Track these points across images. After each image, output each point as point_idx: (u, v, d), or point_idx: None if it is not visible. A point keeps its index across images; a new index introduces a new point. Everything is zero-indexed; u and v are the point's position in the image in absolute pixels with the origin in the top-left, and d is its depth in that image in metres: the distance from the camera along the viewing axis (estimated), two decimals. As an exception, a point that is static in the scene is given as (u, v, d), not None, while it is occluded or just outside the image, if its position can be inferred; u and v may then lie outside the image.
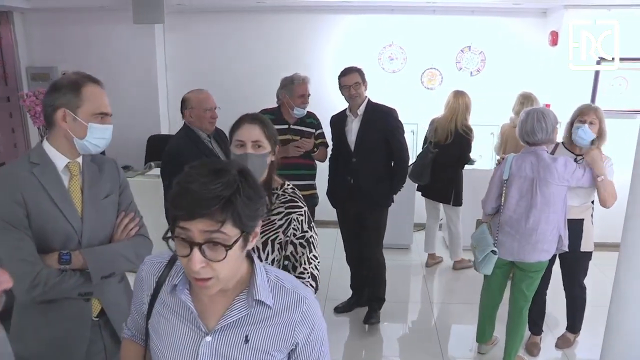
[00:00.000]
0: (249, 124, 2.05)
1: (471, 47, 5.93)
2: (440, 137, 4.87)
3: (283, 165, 3.95)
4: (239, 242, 1.22)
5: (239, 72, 6.08)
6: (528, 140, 3.26)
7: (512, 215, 3.33)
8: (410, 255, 5.71)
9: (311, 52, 6.09)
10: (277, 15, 6.02)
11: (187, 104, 3.43)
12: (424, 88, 6.05)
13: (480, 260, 3.43)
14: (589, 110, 3.48)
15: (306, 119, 4.08)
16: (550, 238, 3.27)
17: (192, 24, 6.16)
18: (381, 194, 4.04)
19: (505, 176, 3.34)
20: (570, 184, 3.22)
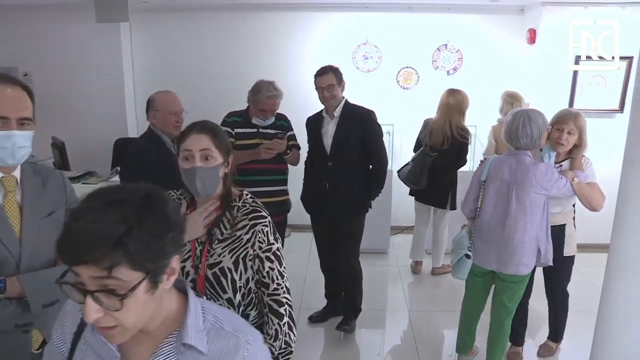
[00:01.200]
0: (196, 134, 1.85)
1: (448, 45, 5.81)
2: (436, 141, 4.65)
3: (253, 170, 3.82)
4: (142, 286, 1.03)
5: (210, 73, 5.90)
6: (512, 144, 3.11)
7: (489, 220, 3.18)
8: (388, 260, 5.55)
9: (283, 51, 5.93)
10: (249, 14, 5.85)
11: (152, 105, 3.21)
12: (400, 88, 5.92)
13: (454, 263, 3.30)
14: (567, 118, 3.24)
15: (276, 121, 3.87)
16: (527, 251, 3.09)
17: (160, 23, 5.94)
18: (358, 199, 3.87)
19: (483, 177, 3.20)
20: (549, 193, 3.05)
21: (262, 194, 3.82)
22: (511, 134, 3.06)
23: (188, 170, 1.83)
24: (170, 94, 3.28)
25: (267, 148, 3.68)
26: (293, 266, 5.20)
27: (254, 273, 1.86)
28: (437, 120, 4.69)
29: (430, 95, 5.78)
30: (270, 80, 3.78)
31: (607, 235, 5.63)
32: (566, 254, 3.44)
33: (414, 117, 5.85)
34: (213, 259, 1.83)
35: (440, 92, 5.69)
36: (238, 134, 3.80)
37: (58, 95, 5.79)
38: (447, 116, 4.62)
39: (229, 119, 3.86)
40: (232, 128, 3.80)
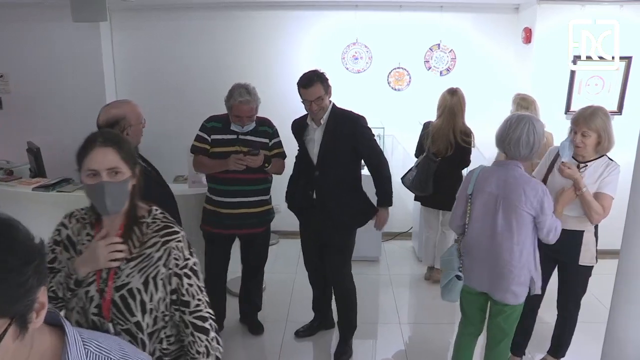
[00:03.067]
0: (100, 148, 1.67)
1: (440, 45, 5.62)
2: (440, 147, 4.42)
3: (231, 180, 3.57)
4: (9, 334, 0.89)
5: (195, 73, 5.69)
6: (506, 150, 2.82)
7: (477, 238, 2.89)
8: (379, 268, 5.34)
9: (270, 51, 5.72)
10: (235, 12, 5.64)
11: (125, 123, 2.80)
12: (391, 89, 5.73)
13: (443, 285, 3.03)
14: (578, 119, 3.03)
15: (259, 127, 3.64)
16: (516, 278, 2.79)
17: (143, 22, 5.72)
18: (348, 212, 3.58)
19: (469, 190, 2.91)
20: (536, 214, 2.73)
21: (240, 204, 3.65)
22: (510, 141, 2.76)
23: (94, 186, 1.66)
24: (132, 103, 2.97)
25: (238, 160, 3.46)
26: (280, 275, 5.05)
27: (166, 293, 1.73)
28: (440, 125, 4.43)
29: (422, 97, 5.66)
30: (245, 84, 3.53)
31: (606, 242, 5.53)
32: (582, 262, 3.17)
33: (406, 120, 5.74)
34: (121, 280, 1.70)
35: (433, 93, 5.53)
36: (215, 140, 3.60)
37: (35, 97, 5.58)
38: (450, 121, 4.37)
39: (208, 123, 3.65)
40: (210, 134, 3.61)
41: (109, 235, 1.72)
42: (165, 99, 5.74)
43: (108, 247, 1.68)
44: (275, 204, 5.87)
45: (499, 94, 5.20)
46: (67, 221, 1.81)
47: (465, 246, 2.96)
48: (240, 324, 4.18)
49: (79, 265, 1.68)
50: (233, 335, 4.07)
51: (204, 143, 3.62)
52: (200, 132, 3.65)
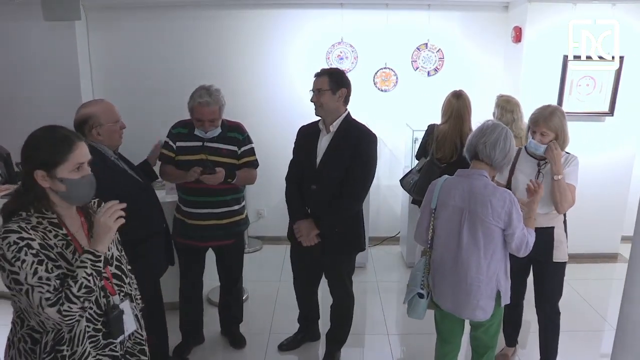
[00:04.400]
0: (80, 142, 1.85)
1: (428, 44, 5.47)
2: (445, 153, 4.12)
3: (197, 190, 3.34)
4: None
5: (175, 73, 5.47)
6: (479, 152, 2.62)
7: (443, 253, 2.72)
8: (367, 275, 5.16)
9: (253, 51, 5.54)
10: (215, 11, 5.45)
11: (94, 122, 2.70)
12: (378, 90, 5.56)
13: (406, 301, 2.86)
14: (539, 119, 3.09)
15: (227, 132, 3.40)
16: (484, 293, 2.63)
17: (121, 21, 5.50)
18: (345, 237, 3.30)
19: (433, 204, 2.72)
20: (504, 226, 2.58)
21: (206, 216, 3.44)
22: (485, 142, 2.59)
23: (83, 179, 1.85)
24: (105, 102, 2.87)
25: (194, 172, 3.24)
26: (263, 284, 4.87)
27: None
28: (446, 130, 4.14)
29: (410, 98, 5.54)
30: (208, 85, 3.33)
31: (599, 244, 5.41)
32: (556, 259, 3.18)
33: (392, 122, 5.60)
34: (107, 256, 1.95)
35: (420, 94, 5.45)
36: (180, 148, 3.39)
37: (5, 99, 5.34)
38: (457, 126, 4.09)
39: (174, 130, 3.46)
40: (175, 141, 3.41)
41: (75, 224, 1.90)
42: (145, 101, 5.53)
43: (107, 212, 1.81)
44: (259, 208, 5.76)
45: (489, 95, 5.05)
46: (26, 235, 1.73)
47: (432, 262, 2.80)
48: (221, 336, 4.00)
49: (97, 244, 1.81)
50: (214, 348, 3.90)
51: (170, 150, 3.42)
52: (167, 138, 3.45)
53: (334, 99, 3.16)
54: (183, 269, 3.70)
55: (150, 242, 2.91)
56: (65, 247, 1.81)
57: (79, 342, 1.80)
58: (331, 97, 3.15)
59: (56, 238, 1.80)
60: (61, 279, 1.74)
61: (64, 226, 1.84)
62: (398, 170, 5.58)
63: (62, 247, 1.80)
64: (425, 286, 2.79)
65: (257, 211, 5.75)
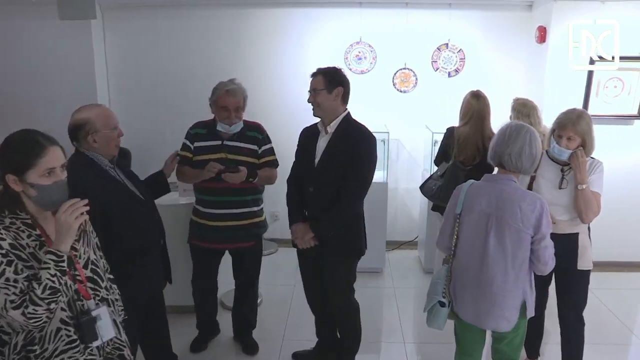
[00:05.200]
0: (52, 147, 1.83)
1: (449, 44, 5.34)
2: (467, 155, 3.98)
3: (216, 190, 3.28)
4: None
5: (192, 73, 5.42)
6: (505, 164, 2.52)
7: (466, 261, 2.61)
8: (383, 280, 5.04)
9: (270, 50, 5.47)
10: (233, 10, 5.38)
11: (90, 128, 2.53)
12: (397, 91, 5.44)
13: (426, 309, 2.73)
14: (566, 123, 2.95)
15: (247, 131, 3.38)
16: (510, 302, 2.53)
17: (137, 20, 5.46)
18: (343, 239, 3.18)
19: (458, 209, 2.61)
20: (533, 232, 2.47)
21: (225, 216, 3.39)
22: (511, 153, 2.47)
23: (55, 184, 1.82)
24: (102, 107, 2.72)
25: (210, 169, 3.19)
26: (278, 287, 4.77)
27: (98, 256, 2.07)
28: (467, 132, 3.99)
29: (429, 99, 5.42)
30: (231, 78, 3.36)
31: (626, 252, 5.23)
32: (580, 267, 3.06)
33: (412, 124, 5.49)
34: (83, 259, 1.96)
35: (440, 95, 5.32)
36: (198, 148, 3.36)
37: (23, 99, 5.32)
38: (478, 127, 3.96)
39: (192, 130, 3.43)
40: (193, 142, 3.38)
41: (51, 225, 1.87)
42: (161, 101, 5.49)
43: (68, 210, 1.78)
44: (274, 210, 5.67)
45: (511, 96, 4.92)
46: None
47: (455, 269, 2.67)
48: (234, 341, 3.91)
49: (60, 243, 1.78)
50: (226, 354, 3.81)
51: (187, 151, 3.39)
52: (185, 139, 3.43)
53: (330, 98, 3.04)
54: (198, 272, 3.65)
55: (145, 256, 2.75)
56: (39, 248, 1.81)
57: (50, 340, 1.80)
58: (327, 97, 3.03)
59: (29, 238, 1.80)
60: (30, 280, 1.73)
61: (38, 227, 1.84)
62: (417, 173, 5.47)
63: (34, 248, 1.80)
64: (446, 294, 2.67)
65: (272, 213, 5.66)
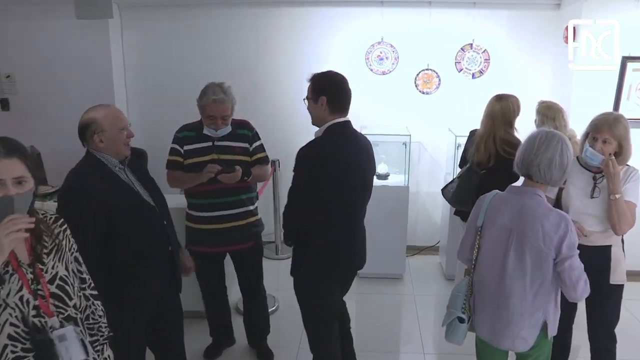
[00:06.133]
0: (5, 158, 1.64)
1: (473, 45, 5.19)
2: (481, 157, 3.85)
3: (209, 192, 3.17)
4: None
5: (211, 73, 5.14)
6: (533, 174, 2.35)
7: (484, 277, 2.47)
8: (403, 287, 4.90)
9: (289, 50, 5.36)
10: (253, 9, 5.29)
11: (97, 127, 2.49)
12: (419, 92, 5.30)
13: (445, 324, 2.59)
14: (602, 125, 2.78)
15: (236, 130, 3.30)
16: (527, 322, 2.37)
17: (156, 20, 5.39)
18: (294, 256, 2.90)
19: (479, 222, 2.48)
20: (555, 253, 2.28)
21: (222, 218, 3.30)
22: (540, 163, 2.30)
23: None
24: (111, 107, 2.67)
25: (208, 172, 3.12)
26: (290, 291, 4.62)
27: (75, 274, 1.92)
28: (481, 134, 3.90)
29: (452, 101, 5.28)
30: (220, 82, 3.26)
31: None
32: (613, 281, 2.89)
33: (434, 126, 5.36)
34: (50, 274, 1.81)
35: (464, 97, 5.18)
36: (188, 151, 3.27)
37: (41, 99, 5.30)
38: (491, 128, 3.82)
39: (180, 133, 3.34)
40: (182, 145, 3.29)
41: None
42: (179, 101, 5.39)
43: (2, 227, 1.61)
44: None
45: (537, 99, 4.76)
46: None
47: (475, 283, 2.54)
48: (249, 348, 3.82)
49: None
50: (241, 362, 3.73)
51: (177, 155, 3.30)
52: (173, 144, 3.34)
53: (316, 107, 2.72)
54: (201, 279, 3.57)
55: (151, 258, 2.63)
56: None
57: None
58: (314, 106, 2.73)
59: None
60: None
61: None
62: (439, 176, 5.33)
63: None
64: (466, 310, 2.54)
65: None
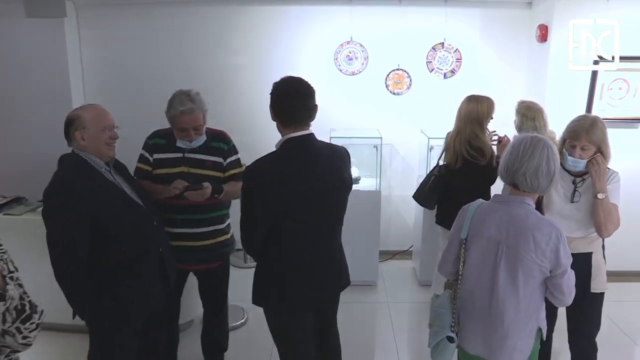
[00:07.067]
0: None
1: (444, 44, 5.06)
2: (450, 159, 3.84)
3: (178, 207, 2.90)
4: None
5: (175, 74, 5.06)
6: (519, 183, 2.20)
7: (472, 292, 2.32)
8: (377, 294, 4.75)
9: (254, 50, 5.17)
10: (218, 7, 5.08)
11: (78, 124, 2.47)
12: (390, 93, 5.16)
13: (432, 345, 2.42)
14: (579, 132, 2.71)
15: (211, 142, 3.05)
16: (523, 333, 2.27)
17: (115, 19, 5.13)
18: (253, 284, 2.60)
19: (463, 234, 2.32)
20: (548, 266, 2.16)
21: (189, 236, 3.05)
22: (526, 171, 2.16)
23: None
24: (96, 106, 2.61)
25: (174, 187, 2.90)
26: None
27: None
28: (451, 133, 3.89)
29: (424, 102, 5.16)
30: (187, 90, 2.97)
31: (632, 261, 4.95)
32: (594, 289, 2.84)
33: (406, 127, 5.23)
34: None
35: (436, 97, 5.05)
36: (158, 160, 3.04)
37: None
38: (459, 130, 3.79)
39: (151, 140, 3.10)
40: (152, 153, 3.05)
41: None
42: (141, 103, 5.13)
43: None
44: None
45: (510, 98, 4.67)
46: None
47: (460, 298, 2.39)
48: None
49: None
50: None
51: (145, 163, 3.06)
52: (143, 150, 3.10)
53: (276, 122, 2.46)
54: None
55: (140, 264, 2.55)
56: None
57: None
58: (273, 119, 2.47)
59: None
60: None
61: None
62: (411, 179, 5.19)
63: None
64: (455, 327, 2.37)
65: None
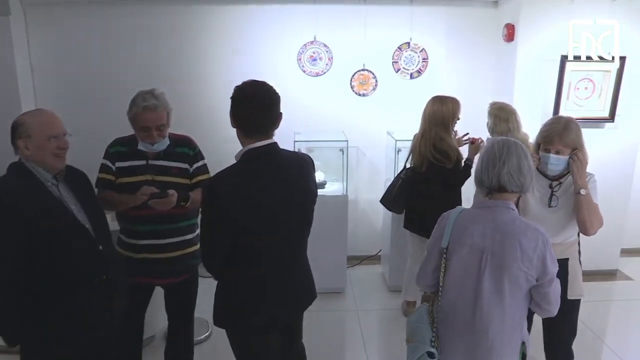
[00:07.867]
0: None
1: (410, 43, 4.97)
2: (416, 162, 3.80)
3: (144, 218, 2.70)
4: None
5: (130, 75, 4.82)
6: (505, 184, 2.10)
7: (454, 302, 2.20)
8: (345, 302, 4.60)
9: (214, 51, 4.97)
10: (174, 7, 4.85)
11: (22, 132, 2.23)
12: (355, 94, 5.04)
13: None
14: (552, 137, 2.67)
15: (176, 148, 2.87)
16: (508, 347, 2.16)
17: (66, 18, 4.84)
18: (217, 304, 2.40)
19: (444, 243, 2.20)
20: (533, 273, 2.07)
21: (155, 248, 2.84)
22: (510, 170, 2.07)
23: None
24: (45, 113, 2.36)
25: (142, 194, 2.71)
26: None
27: None
28: (417, 135, 3.83)
29: (390, 103, 5.06)
30: (149, 89, 2.80)
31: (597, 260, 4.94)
32: (570, 296, 2.76)
33: (372, 129, 5.10)
34: None
35: (402, 98, 4.95)
36: (121, 169, 2.84)
37: None
38: (424, 132, 3.74)
39: (112, 148, 2.90)
40: (114, 161, 2.85)
41: None
42: (95, 106, 4.91)
43: None
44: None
45: (478, 98, 4.61)
46: None
47: (440, 310, 2.25)
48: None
49: None
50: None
51: (108, 173, 2.86)
52: (104, 159, 2.90)
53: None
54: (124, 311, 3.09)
55: (81, 289, 2.31)
56: None
57: None
58: None
59: None
60: None
61: None
62: (379, 182, 5.08)
63: None
64: (436, 342, 2.23)
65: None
